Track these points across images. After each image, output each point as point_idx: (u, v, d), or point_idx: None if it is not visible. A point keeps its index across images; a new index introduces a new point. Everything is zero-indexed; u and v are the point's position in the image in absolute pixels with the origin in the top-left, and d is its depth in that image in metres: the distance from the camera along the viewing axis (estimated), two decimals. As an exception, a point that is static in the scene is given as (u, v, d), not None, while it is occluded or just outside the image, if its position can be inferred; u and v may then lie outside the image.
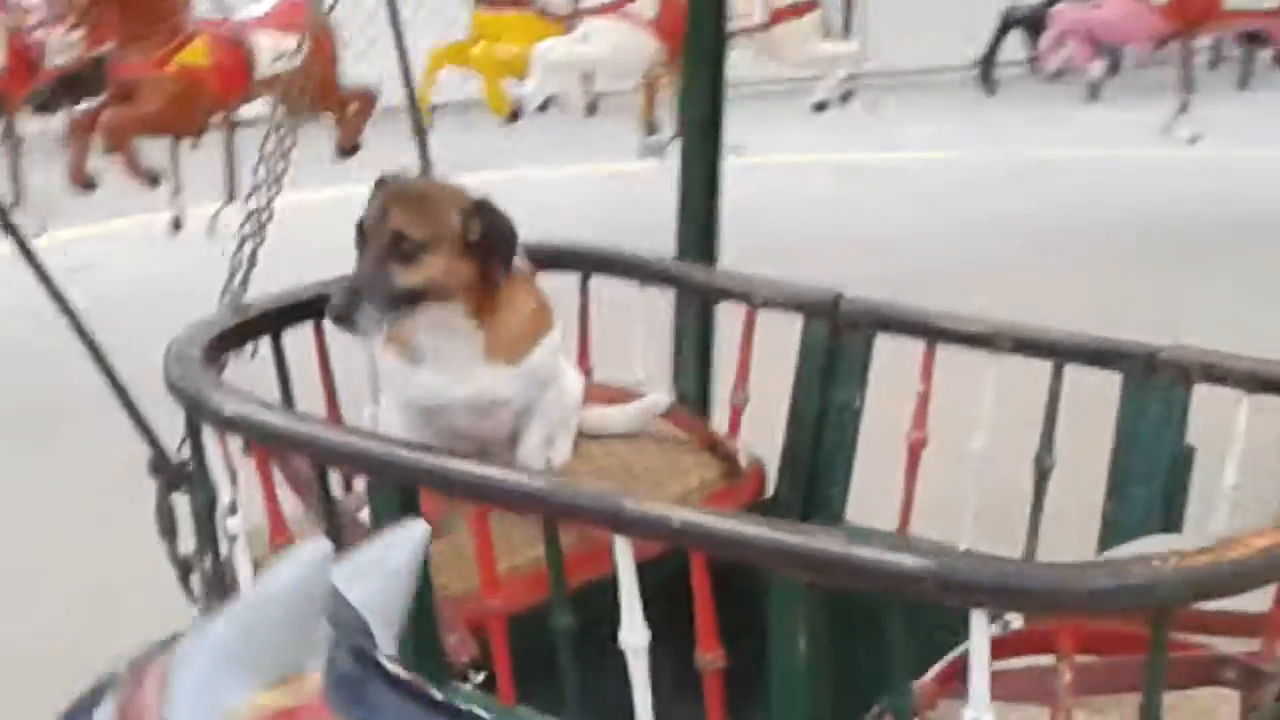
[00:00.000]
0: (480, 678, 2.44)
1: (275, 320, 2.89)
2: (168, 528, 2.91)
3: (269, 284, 2.92)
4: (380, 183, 2.65)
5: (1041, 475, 2.85)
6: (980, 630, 1.89)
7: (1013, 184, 9.26)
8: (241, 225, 3.00)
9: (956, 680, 1.98)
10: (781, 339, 3.07)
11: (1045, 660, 1.97)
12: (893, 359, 3.02)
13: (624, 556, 2.15)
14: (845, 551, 2.00)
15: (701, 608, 2.15)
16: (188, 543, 2.86)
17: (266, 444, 2.54)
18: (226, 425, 2.49)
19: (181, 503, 2.87)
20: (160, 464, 2.87)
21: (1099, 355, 2.78)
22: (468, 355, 2.68)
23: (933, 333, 2.92)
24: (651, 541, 2.20)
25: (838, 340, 2.99)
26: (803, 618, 2.10)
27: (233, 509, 2.61)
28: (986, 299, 3.15)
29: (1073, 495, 2.80)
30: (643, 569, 2.19)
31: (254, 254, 2.96)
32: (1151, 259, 7.44)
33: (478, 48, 8.66)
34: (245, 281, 2.94)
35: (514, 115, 8.49)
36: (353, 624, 1.33)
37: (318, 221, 4.70)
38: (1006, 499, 2.87)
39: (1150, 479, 2.73)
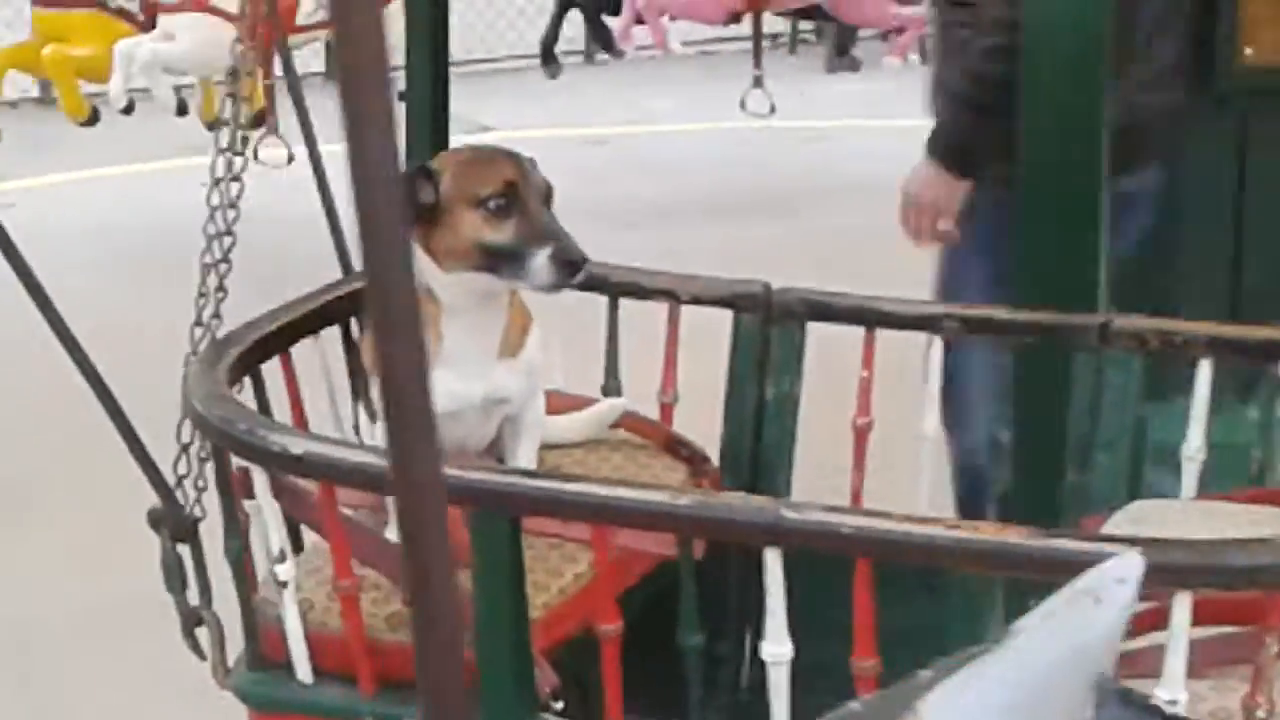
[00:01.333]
0: (560, 706, 2.30)
1: (292, 334, 2.71)
2: (177, 581, 2.67)
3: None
4: (469, 149, 2.52)
5: (998, 451, 2.91)
6: (1182, 612, 1.90)
7: (749, 151, 9.40)
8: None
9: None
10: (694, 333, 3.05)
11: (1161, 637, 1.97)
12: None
13: (775, 569, 2.04)
14: (1045, 546, 1.94)
15: (862, 614, 2.07)
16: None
17: (344, 482, 2.32)
18: (294, 466, 2.27)
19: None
20: (171, 516, 2.64)
21: (1049, 329, 2.77)
22: (485, 349, 2.50)
23: (873, 318, 2.91)
24: (811, 549, 2.10)
25: (770, 331, 2.96)
26: (991, 611, 2.07)
27: (283, 555, 2.40)
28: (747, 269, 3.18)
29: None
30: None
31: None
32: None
33: (49, 50, 7.95)
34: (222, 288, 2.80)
35: (93, 118, 8.10)
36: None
37: None
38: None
39: (1114, 446, 2.81)
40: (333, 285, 2.87)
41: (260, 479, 2.36)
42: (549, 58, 9.24)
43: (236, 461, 2.44)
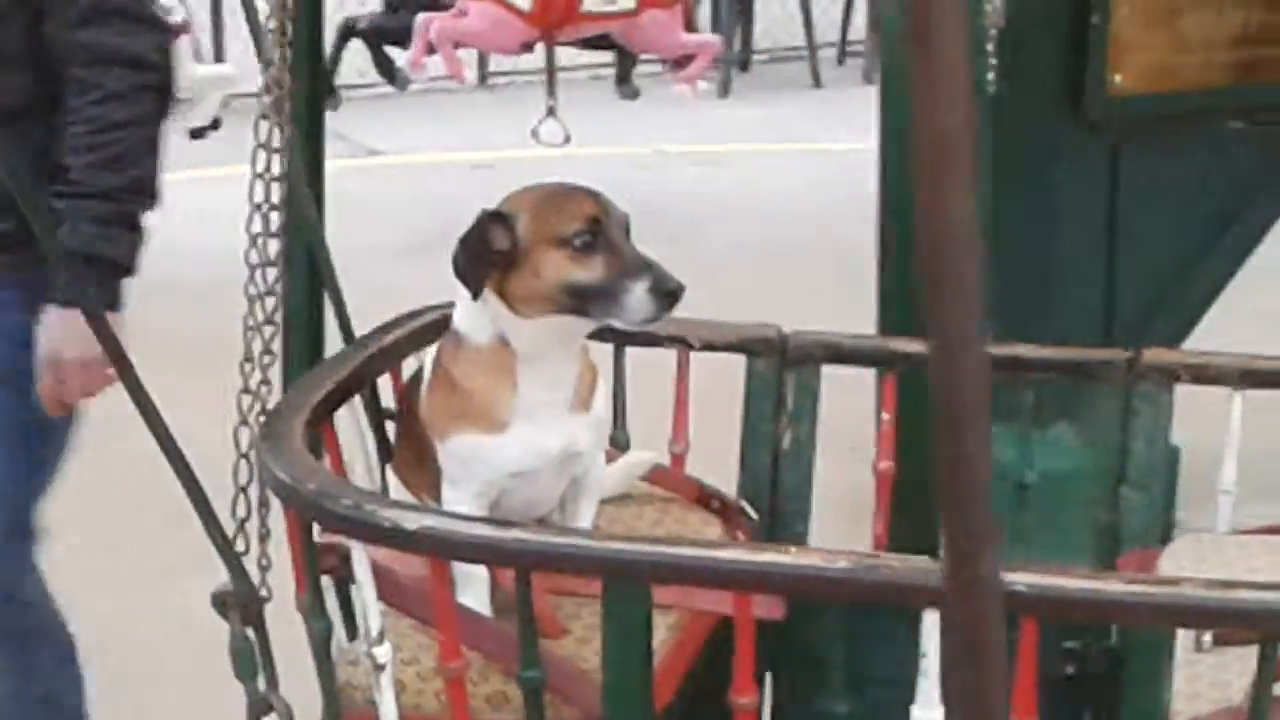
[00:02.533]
0: None
1: (341, 397, 2.55)
2: (249, 668, 2.46)
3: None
4: (540, 188, 2.38)
5: (1021, 489, 2.88)
6: None
7: (641, 178, 9.38)
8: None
9: None
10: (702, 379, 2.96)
11: None
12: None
13: (934, 632, 1.96)
14: (1223, 598, 1.90)
15: (1025, 677, 1.99)
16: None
17: (462, 558, 2.21)
18: (407, 542, 2.13)
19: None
20: (242, 596, 2.44)
21: (1074, 367, 2.78)
22: (561, 401, 2.38)
23: (890, 359, 2.85)
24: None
25: (785, 376, 2.88)
26: (1165, 667, 2.00)
27: (380, 636, 2.25)
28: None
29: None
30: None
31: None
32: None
33: None
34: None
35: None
36: None
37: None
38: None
39: (1146, 483, 2.75)
40: (364, 342, 2.71)
41: (360, 556, 2.22)
42: (329, 90, 9.09)
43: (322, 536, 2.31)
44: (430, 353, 2.51)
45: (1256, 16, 3.88)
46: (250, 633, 2.45)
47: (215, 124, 7.97)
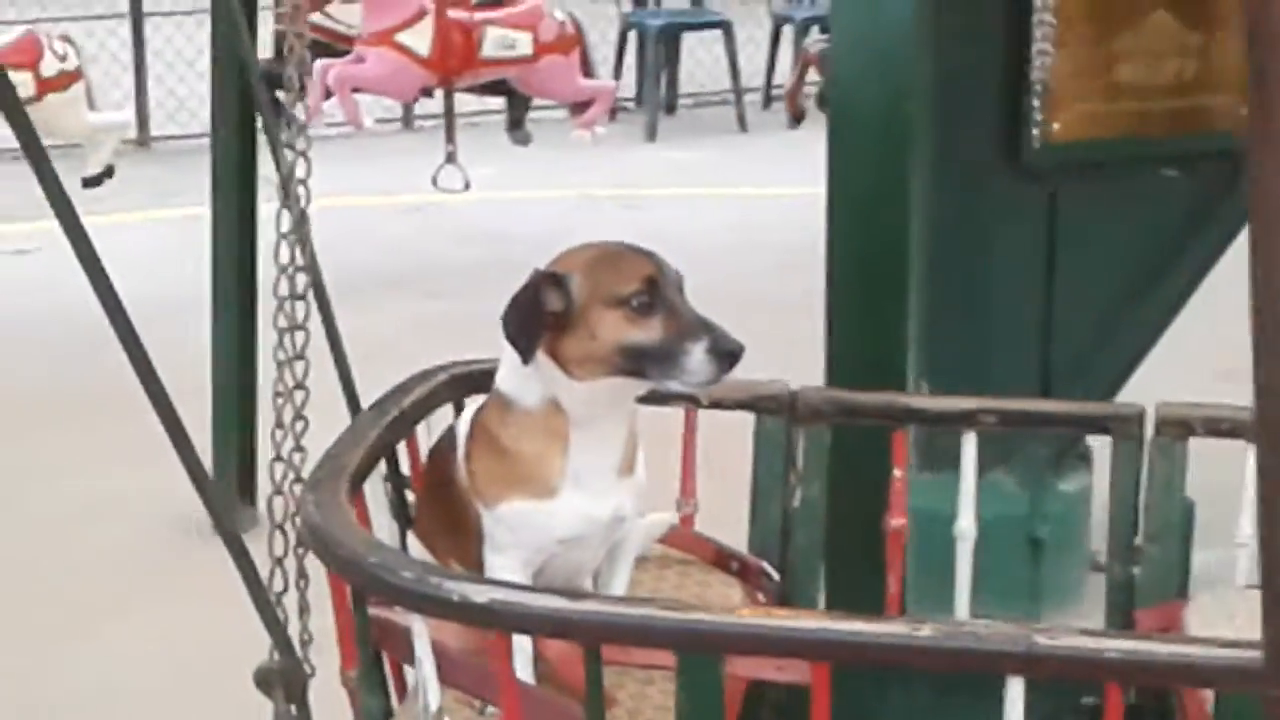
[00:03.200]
0: None
1: (371, 462, 2.46)
2: None
3: None
4: (593, 246, 2.32)
5: (1034, 544, 2.83)
6: None
7: (567, 221, 9.36)
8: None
9: None
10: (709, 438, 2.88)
11: None
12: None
13: (1019, 701, 1.94)
14: None
15: None
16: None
17: (534, 632, 2.14)
18: (477, 616, 2.04)
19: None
20: (288, 673, 2.38)
21: (1088, 421, 2.75)
22: (610, 466, 2.32)
23: (903, 415, 2.81)
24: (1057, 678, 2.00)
25: (795, 433, 2.81)
26: None
27: (440, 714, 2.17)
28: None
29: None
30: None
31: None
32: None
33: None
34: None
35: None
36: None
37: None
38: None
39: (1163, 538, 2.71)
40: (383, 406, 2.60)
41: (421, 630, 2.13)
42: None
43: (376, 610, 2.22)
44: (466, 415, 2.44)
45: (1191, 66, 3.90)
46: (293, 710, 2.38)
47: (109, 172, 7.83)
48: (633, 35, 12.12)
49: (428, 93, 7.67)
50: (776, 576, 2.76)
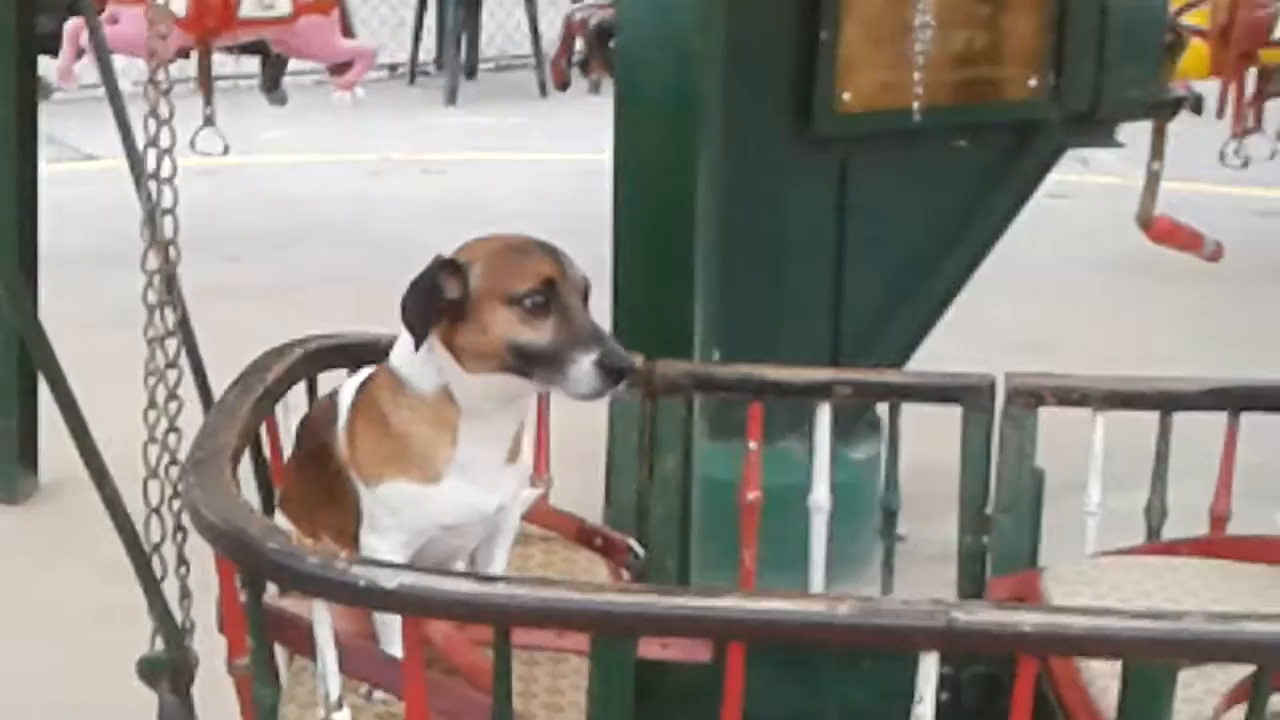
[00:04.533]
0: None
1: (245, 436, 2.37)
2: None
3: None
4: (499, 239, 2.23)
5: (888, 515, 2.83)
6: None
7: (367, 185, 9.27)
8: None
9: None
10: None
11: None
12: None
13: (932, 675, 1.93)
14: (1225, 630, 1.89)
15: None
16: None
17: (446, 616, 2.06)
18: (384, 601, 1.98)
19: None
20: (177, 663, 2.29)
21: (938, 391, 2.76)
22: (498, 456, 2.27)
23: (759, 388, 2.78)
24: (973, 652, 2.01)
25: (654, 408, 2.77)
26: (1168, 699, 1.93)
27: (340, 702, 2.08)
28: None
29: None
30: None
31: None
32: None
33: None
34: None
35: None
36: None
37: None
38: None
39: (1015, 507, 2.73)
40: (247, 384, 2.52)
41: (324, 617, 2.05)
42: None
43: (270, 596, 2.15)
44: (349, 386, 2.36)
45: (980, 38, 3.94)
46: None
47: None
48: (433, -2, 12.00)
49: (184, 54, 7.49)
50: (642, 552, 2.73)
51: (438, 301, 2.16)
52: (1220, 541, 2.74)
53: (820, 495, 2.80)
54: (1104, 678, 2.31)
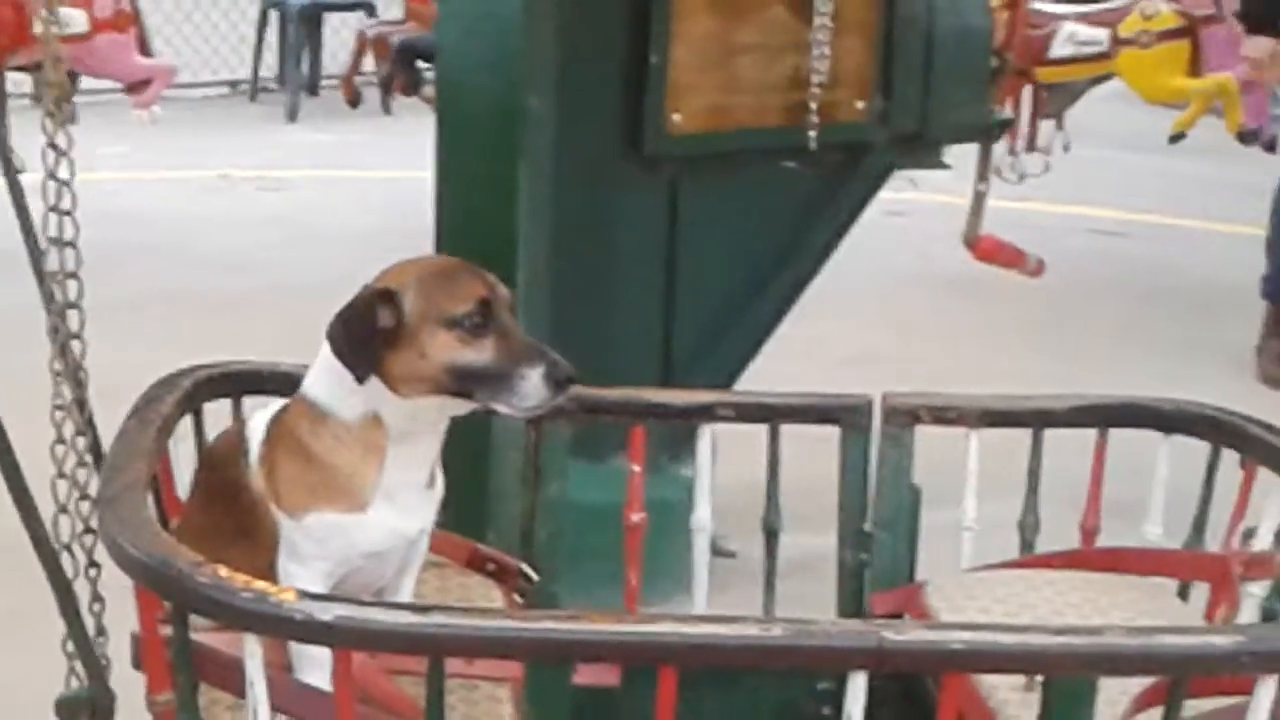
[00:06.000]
0: None
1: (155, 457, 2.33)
2: None
3: None
4: (425, 261, 2.25)
5: (770, 535, 2.84)
6: (1267, 696, 1.95)
7: (207, 203, 9.17)
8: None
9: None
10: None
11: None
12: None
13: (860, 695, 1.95)
14: (1144, 644, 1.95)
15: None
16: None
17: (381, 646, 2.01)
18: (320, 635, 1.93)
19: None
20: (99, 702, 2.24)
21: (818, 412, 2.80)
22: (421, 480, 2.26)
23: (642, 411, 2.80)
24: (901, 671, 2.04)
25: (539, 432, 2.77)
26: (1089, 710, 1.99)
27: None
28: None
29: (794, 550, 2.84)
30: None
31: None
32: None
33: None
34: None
35: None
36: None
37: None
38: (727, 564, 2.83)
39: (894, 523, 2.78)
40: (143, 416, 2.48)
41: (254, 650, 2.01)
42: None
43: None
44: (259, 419, 2.33)
45: (807, 62, 3.99)
46: None
47: None
48: (274, 15, 11.88)
49: None
50: (536, 577, 2.72)
51: (374, 333, 2.16)
52: (1091, 554, 2.82)
53: (703, 514, 2.84)
54: (1002, 690, 2.38)
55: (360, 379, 2.17)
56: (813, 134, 3.96)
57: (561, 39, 3.28)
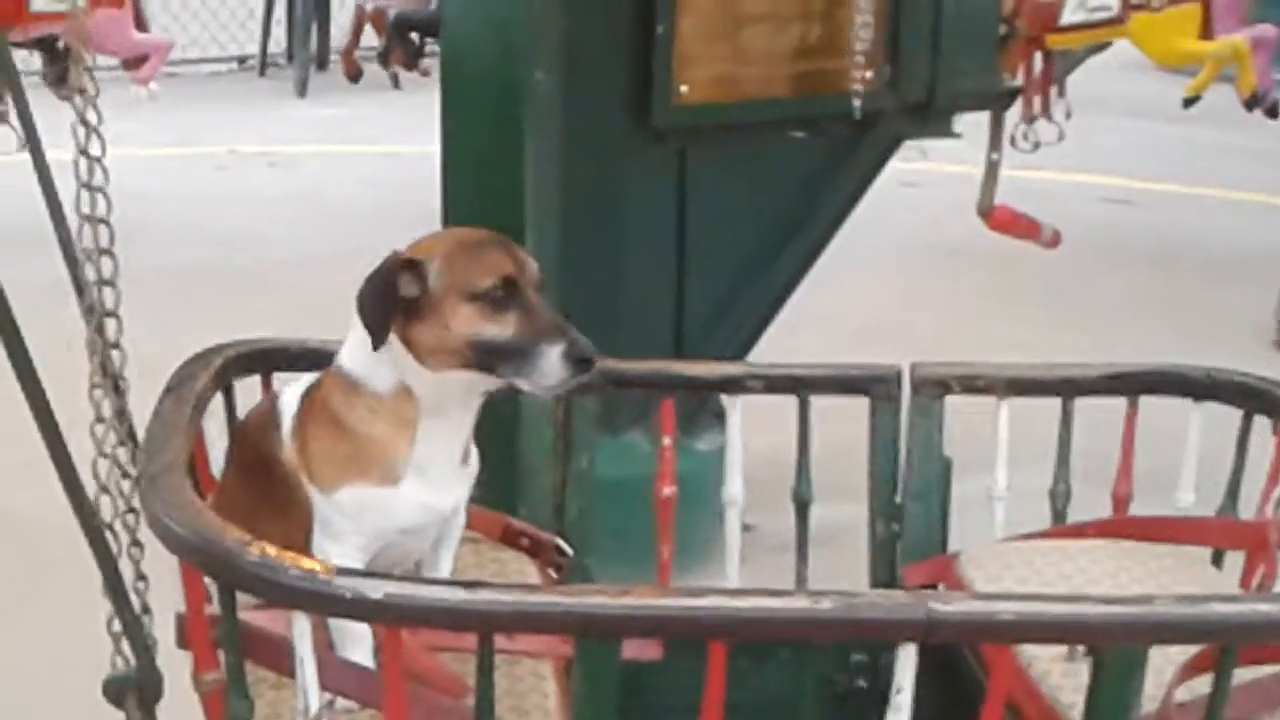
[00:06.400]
0: None
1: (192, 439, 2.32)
2: None
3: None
4: (455, 234, 2.23)
5: (801, 507, 2.81)
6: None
7: (215, 179, 9.17)
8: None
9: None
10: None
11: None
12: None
13: (910, 665, 1.95)
14: (1194, 612, 1.94)
15: (994, 705, 2.00)
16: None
17: (430, 623, 2.02)
18: (370, 612, 1.94)
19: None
20: (144, 682, 2.21)
21: (847, 383, 2.78)
22: (454, 456, 2.25)
23: (671, 384, 2.79)
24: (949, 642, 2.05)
25: (568, 406, 2.76)
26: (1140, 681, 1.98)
27: (320, 717, 2.04)
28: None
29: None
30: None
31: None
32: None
33: None
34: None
35: None
36: None
37: None
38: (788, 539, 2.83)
39: (925, 494, 2.77)
40: (178, 394, 2.47)
41: (304, 630, 2.03)
42: None
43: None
44: (292, 392, 2.32)
45: (815, 31, 3.97)
46: None
47: None
48: (283, -11, 11.87)
49: None
50: (570, 551, 2.71)
51: (394, 299, 2.15)
52: (1124, 522, 2.81)
53: (734, 490, 2.81)
54: (1043, 660, 2.38)
55: (376, 344, 2.16)
56: (857, 103, 3.94)
57: (567, 10, 3.25)
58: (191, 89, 11.45)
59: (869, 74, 4.12)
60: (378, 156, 9.65)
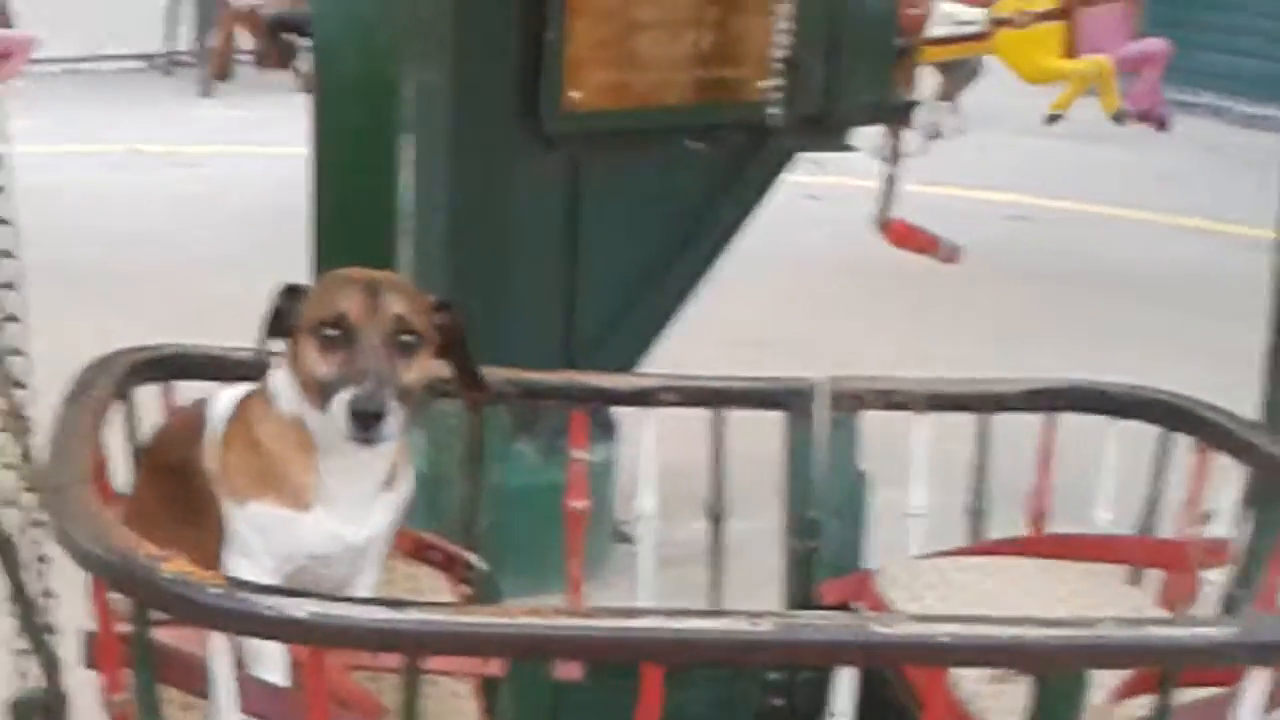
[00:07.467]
0: None
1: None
2: None
3: None
4: (343, 272, 2.12)
5: (715, 521, 2.76)
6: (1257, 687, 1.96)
7: (115, 179, 9.05)
8: None
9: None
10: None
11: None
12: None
13: (845, 694, 1.94)
14: (1140, 636, 1.94)
15: None
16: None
17: (354, 643, 1.96)
18: (293, 632, 1.87)
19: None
20: (53, 700, 2.17)
21: (762, 396, 2.73)
22: (367, 488, 2.15)
23: (585, 396, 2.74)
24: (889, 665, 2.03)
25: (479, 418, 2.68)
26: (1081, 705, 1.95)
27: None
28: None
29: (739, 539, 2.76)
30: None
31: None
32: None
33: None
34: None
35: None
36: None
37: None
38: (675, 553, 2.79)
39: (840, 509, 2.72)
40: (79, 400, 2.39)
41: (221, 648, 1.96)
42: None
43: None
44: (225, 397, 2.25)
45: (710, 39, 3.94)
46: None
47: None
48: (190, -12, 11.76)
49: None
50: (484, 566, 2.64)
51: (276, 321, 2.11)
52: (1043, 540, 2.78)
53: (645, 502, 2.77)
54: (971, 681, 2.33)
55: (259, 359, 2.13)
56: (774, 111, 3.92)
57: (456, 9, 3.20)
58: (95, 86, 11.32)
59: (762, 84, 4.11)
60: (282, 158, 9.55)
